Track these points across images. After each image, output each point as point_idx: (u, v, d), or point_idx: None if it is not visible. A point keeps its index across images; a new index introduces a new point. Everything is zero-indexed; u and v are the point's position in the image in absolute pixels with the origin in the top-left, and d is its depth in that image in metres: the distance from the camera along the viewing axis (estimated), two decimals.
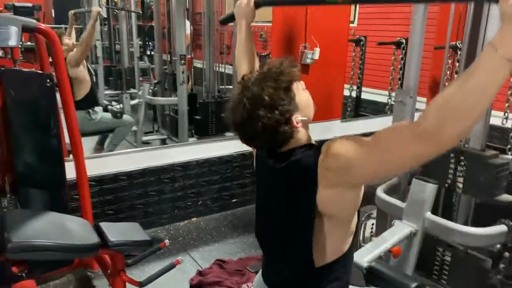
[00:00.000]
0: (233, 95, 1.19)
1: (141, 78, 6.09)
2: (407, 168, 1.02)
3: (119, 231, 2.20)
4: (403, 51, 4.61)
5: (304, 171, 1.11)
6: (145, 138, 4.85)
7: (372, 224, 1.97)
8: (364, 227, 1.95)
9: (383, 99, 5.24)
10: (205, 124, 4.76)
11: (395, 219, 2.08)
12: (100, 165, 3.01)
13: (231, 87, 5.09)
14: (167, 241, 2.45)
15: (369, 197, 2.65)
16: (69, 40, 3.86)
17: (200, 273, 2.75)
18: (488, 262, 2.02)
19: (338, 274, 1.28)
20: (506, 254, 1.89)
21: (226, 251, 3.07)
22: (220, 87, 5.22)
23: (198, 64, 6.14)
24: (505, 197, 2.01)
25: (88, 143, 4.19)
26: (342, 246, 1.25)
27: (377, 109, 5.45)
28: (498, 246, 1.92)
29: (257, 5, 1.53)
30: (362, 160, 1.00)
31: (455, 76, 3.40)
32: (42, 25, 2.31)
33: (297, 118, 1.12)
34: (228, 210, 3.67)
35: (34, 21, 2.27)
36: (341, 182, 1.07)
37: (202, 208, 3.53)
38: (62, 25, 7.93)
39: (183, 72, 4.36)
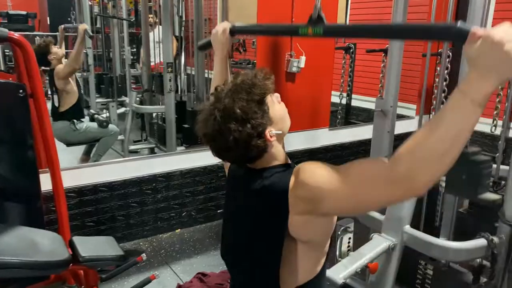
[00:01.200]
0: (204, 106, 1.14)
1: (134, 86, 6.05)
2: (381, 207, 1.00)
3: (92, 246, 2.14)
4: None
5: (276, 196, 1.06)
6: (132, 147, 4.78)
7: (349, 238, 1.92)
8: (341, 242, 1.90)
9: (373, 106, 5.19)
10: (194, 132, 4.68)
11: (374, 232, 2.02)
12: (80, 176, 2.95)
13: None
14: (144, 255, 2.40)
15: None
16: (58, 49, 3.81)
17: (180, 287, 2.68)
18: (470, 276, 1.96)
19: None
20: (487, 268, 1.84)
21: (208, 263, 3.01)
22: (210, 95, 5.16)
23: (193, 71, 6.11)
24: (488, 195, 1.93)
25: (76, 153, 4.15)
26: (314, 268, 1.20)
27: (369, 116, 5.40)
28: (479, 260, 1.86)
29: (233, 33, 1.50)
30: (332, 194, 0.97)
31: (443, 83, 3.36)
32: (15, 34, 2.26)
33: (271, 131, 1.08)
34: (214, 221, 3.61)
35: (6, 30, 2.22)
36: (311, 211, 1.03)
37: (186, 219, 3.47)
38: (57, 33, 7.96)
39: (170, 80, 4.31)
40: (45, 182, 2.49)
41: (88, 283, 2.14)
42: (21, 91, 2.28)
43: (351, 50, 5.16)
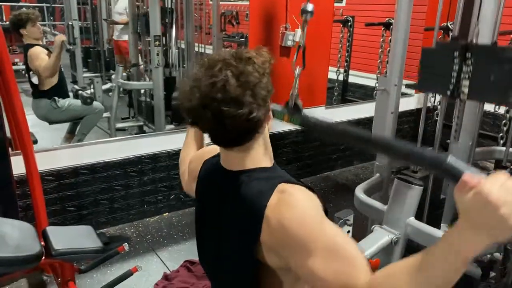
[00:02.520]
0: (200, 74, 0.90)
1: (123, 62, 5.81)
2: None
3: (67, 237, 1.97)
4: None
5: (251, 212, 0.92)
6: (120, 125, 4.58)
7: (348, 231, 1.76)
8: None
9: (371, 83, 4.99)
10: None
11: (375, 223, 1.86)
12: (58, 158, 2.75)
13: None
14: (126, 246, 2.23)
15: (345, 200, 2.43)
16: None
17: (166, 277, 2.52)
18: (478, 272, 1.81)
19: None
20: (497, 264, 1.69)
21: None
22: None
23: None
24: None
25: (60, 131, 3.93)
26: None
27: (366, 93, 5.20)
28: (489, 256, 1.71)
29: None
30: (308, 254, 0.84)
31: None
32: None
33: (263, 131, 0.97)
34: None
35: None
36: (277, 252, 0.90)
37: (175, 203, 3.30)
38: (44, 4, 7.60)
39: (157, 54, 4.08)
40: (21, 165, 2.30)
41: (64, 276, 1.97)
42: None
43: (349, 24, 4.92)
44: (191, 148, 1.37)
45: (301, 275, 0.90)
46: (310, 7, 2.26)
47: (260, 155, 0.99)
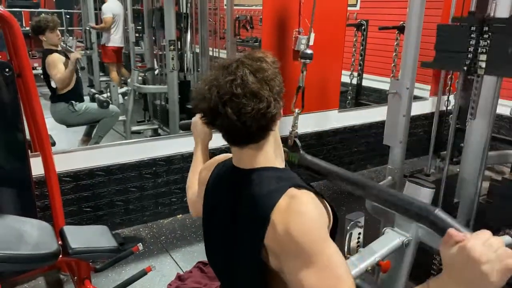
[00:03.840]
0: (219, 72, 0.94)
1: (139, 64, 5.90)
2: None
3: (83, 237, 2.02)
4: None
5: (258, 212, 0.94)
6: (135, 128, 4.66)
7: (359, 233, 1.76)
8: (350, 237, 1.74)
9: (386, 86, 4.97)
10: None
11: (386, 226, 1.86)
12: (75, 160, 2.81)
13: None
14: (140, 246, 2.28)
15: (358, 204, 2.42)
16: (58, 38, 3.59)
17: (179, 277, 2.55)
18: None
19: None
20: None
21: None
22: None
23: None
24: None
25: (78, 134, 4.02)
26: None
27: (380, 97, 5.18)
28: None
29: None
30: (304, 266, 0.86)
31: None
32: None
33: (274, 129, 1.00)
34: None
35: None
36: (277, 257, 0.92)
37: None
38: (62, 10, 7.76)
39: (172, 58, 4.14)
40: (39, 167, 2.37)
41: (80, 274, 2.02)
42: (7, 70, 2.12)
43: (363, 27, 4.92)
44: (196, 172, 1.35)
45: (288, 282, 0.91)
46: (309, 51, 2.32)
47: (272, 155, 1.01)
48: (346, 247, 1.72)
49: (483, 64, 1.69)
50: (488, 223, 1.77)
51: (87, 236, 2.03)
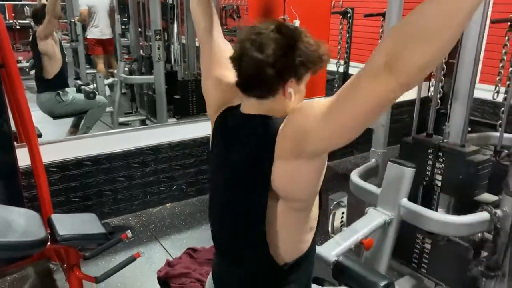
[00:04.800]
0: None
1: (126, 56, 5.86)
2: (370, 120, 0.87)
3: (71, 224, 2.03)
4: None
5: (263, 137, 1.02)
6: (122, 119, 4.64)
7: (342, 213, 1.81)
8: (333, 217, 1.78)
9: None
10: (185, 103, 4.54)
11: (370, 206, 1.90)
12: (62, 150, 2.81)
13: None
14: (129, 233, 2.29)
15: (344, 189, 2.48)
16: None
17: (169, 263, 2.58)
18: (470, 250, 1.86)
19: (296, 276, 1.15)
20: (488, 242, 1.73)
21: (199, 238, 2.91)
22: None
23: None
24: (486, 196, 1.84)
25: (65, 126, 4.00)
26: (300, 243, 1.13)
27: None
28: (480, 234, 1.75)
29: None
30: (320, 118, 0.90)
31: None
32: None
33: (290, 88, 1.04)
34: (205, 195, 3.50)
35: None
36: (297, 153, 0.96)
37: (177, 193, 3.36)
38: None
39: (158, 48, 4.13)
40: (26, 157, 2.37)
41: (69, 262, 2.03)
42: None
43: (349, 15, 4.93)
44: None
45: (327, 143, 0.95)
46: None
47: (280, 110, 1.05)
48: (330, 227, 1.77)
49: (439, 183, 1.91)
50: (471, 200, 1.83)
51: (75, 224, 2.04)
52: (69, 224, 2.02)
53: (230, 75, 1.16)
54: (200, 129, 3.39)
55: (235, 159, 1.10)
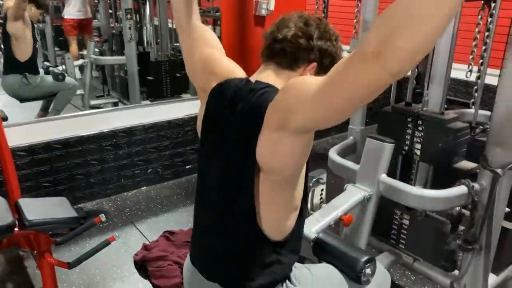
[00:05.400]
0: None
1: (97, 39, 5.66)
2: (358, 104, 0.86)
3: (40, 208, 1.94)
4: None
5: (258, 106, 1.02)
6: (94, 102, 4.50)
7: (322, 190, 1.78)
8: (313, 194, 1.75)
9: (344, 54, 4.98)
10: (158, 85, 4.44)
11: (349, 183, 1.88)
12: (30, 133, 2.69)
13: None
14: (102, 216, 2.21)
15: (319, 160, 2.46)
16: None
17: (145, 247, 2.52)
18: (448, 225, 1.87)
19: (285, 252, 1.17)
20: (466, 217, 1.74)
21: (176, 221, 2.85)
22: (175, 44, 4.86)
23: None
24: (464, 163, 1.84)
25: (33, 111, 3.84)
26: (286, 221, 1.14)
27: None
28: (458, 209, 1.76)
29: None
30: (309, 97, 0.89)
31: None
32: None
33: (306, 71, 1.10)
34: (182, 177, 3.44)
35: None
36: (282, 124, 0.95)
37: (153, 176, 3.28)
38: None
39: (130, 28, 3.99)
40: None
41: (40, 248, 1.95)
42: None
43: None
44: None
45: (314, 121, 0.93)
46: None
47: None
48: (309, 204, 1.74)
49: (418, 152, 1.89)
50: (451, 169, 1.83)
51: (45, 208, 1.96)
52: (38, 208, 1.94)
53: (216, 52, 1.21)
54: (174, 110, 3.30)
55: (234, 125, 1.09)
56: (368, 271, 1.40)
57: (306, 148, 1.02)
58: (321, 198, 1.78)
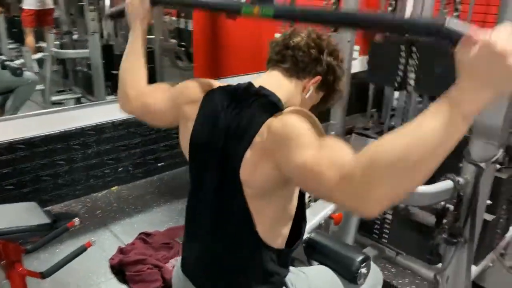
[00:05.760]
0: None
1: (54, 31, 5.37)
2: (323, 196, 0.94)
3: (8, 215, 1.81)
4: None
5: (252, 119, 0.99)
6: (55, 98, 4.26)
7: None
8: None
9: None
10: None
11: None
12: None
13: (152, 36, 4.59)
14: (76, 220, 2.09)
15: None
16: None
17: (121, 250, 2.42)
18: (429, 219, 1.89)
19: (277, 269, 1.15)
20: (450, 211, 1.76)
21: (151, 222, 2.76)
22: None
23: None
24: None
25: None
26: (280, 229, 1.11)
27: None
28: (443, 203, 1.78)
29: (154, 3, 1.26)
30: (300, 146, 0.87)
31: None
32: None
33: (311, 85, 1.10)
34: (154, 175, 3.32)
35: None
36: (270, 152, 0.94)
37: (124, 175, 3.16)
38: None
39: (93, 20, 3.80)
40: None
41: (9, 257, 1.81)
42: None
43: None
44: (139, 59, 1.28)
45: (291, 172, 0.91)
46: None
47: (292, 97, 1.08)
48: None
49: (412, 82, 1.77)
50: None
51: (13, 215, 1.82)
52: (5, 215, 1.80)
53: (175, 88, 1.21)
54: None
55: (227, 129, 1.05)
56: (363, 270, 1.39)
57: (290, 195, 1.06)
58: (309, 196, 1.75)
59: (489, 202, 1.81)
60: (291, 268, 1.24)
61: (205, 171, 1.11)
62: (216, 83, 1.17)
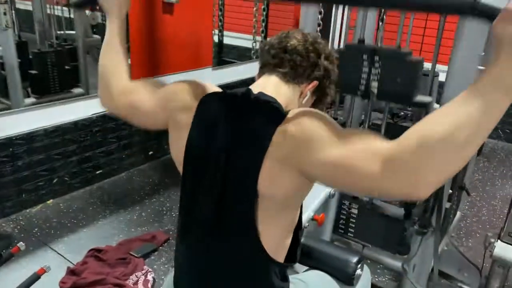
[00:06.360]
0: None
1: None
2: (365, 193, 0.98)
3: None
4: None
5: (260, 129, 0.95)
6: None
7: None
8: None
9: (245, 43, 4.97)
10: (44, 79, 3.86)
11: None
12: None
13: (72, 32, 4.22)
14: (21, 244, 1.85)
15: None
16: None
17: (72, 271, 2.19)
18: (396, 211, 1.96)
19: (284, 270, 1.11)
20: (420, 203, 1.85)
21: (100, 236, 2.53)
22: (59, 32, 4.29)
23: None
24: (421, 97, 1.79)
25: None
26: (285, 240, 1.08)
27: (240, 54, 5.18)
28: None
29: None
30: (324, 145, 0.85)
31: None
32: None
33: (308, 90, 1.09)
34: (94, 184, 3.06)
35: None
36: (291, 158, 0.90)
37: (59, 187, 2.86)
38: None
39: (5, 14, 3.37)
40: None
41: None
42: None
43: None
44: (119, 53, 1.17)
45: (320, 174, 0.89)
46: None
47: (290, 103, 1.05)
48: None
49: (375, 91, 1.80)
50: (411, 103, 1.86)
51: None
52: None
53: (166, 88, 1.13)
54: (78, 109, 2.91)
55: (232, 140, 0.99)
56: (359, 271, 1.40)
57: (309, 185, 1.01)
58: None
59: (450, 191, 1.93)
60: (289, 277, 1.21)
61: (203, 184, 1.03)
62: (210, 88, 1.10)
